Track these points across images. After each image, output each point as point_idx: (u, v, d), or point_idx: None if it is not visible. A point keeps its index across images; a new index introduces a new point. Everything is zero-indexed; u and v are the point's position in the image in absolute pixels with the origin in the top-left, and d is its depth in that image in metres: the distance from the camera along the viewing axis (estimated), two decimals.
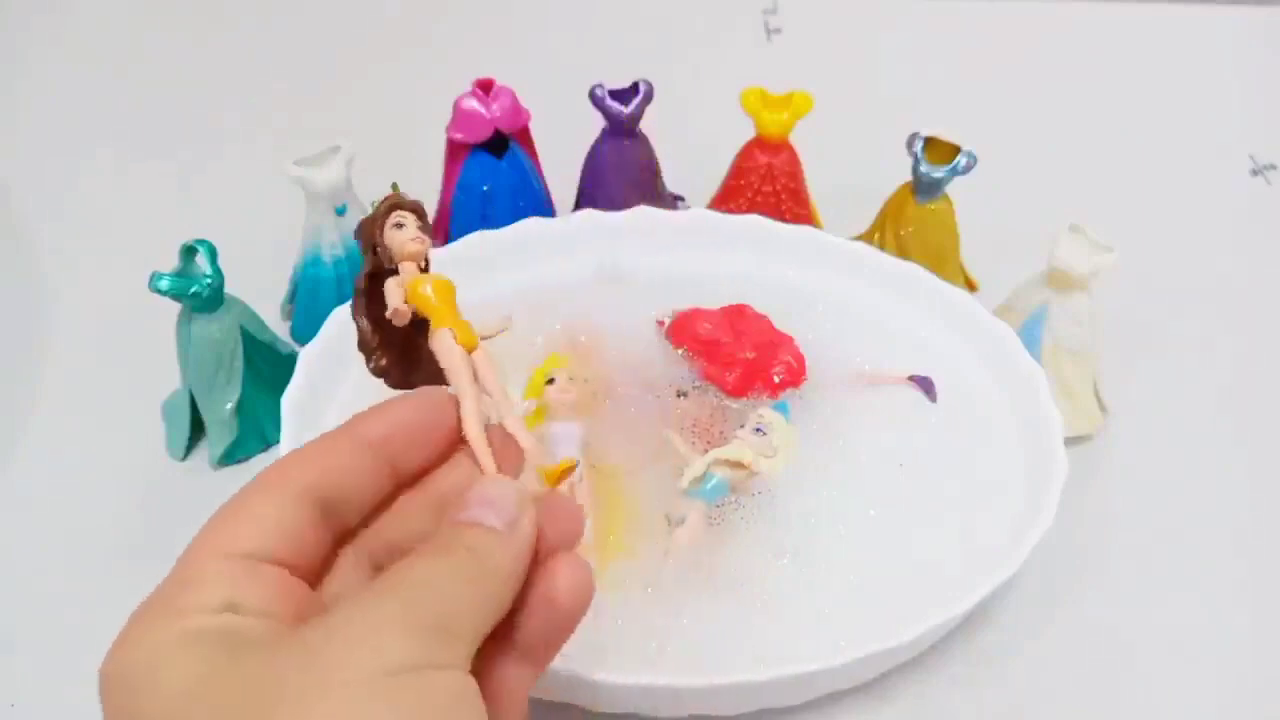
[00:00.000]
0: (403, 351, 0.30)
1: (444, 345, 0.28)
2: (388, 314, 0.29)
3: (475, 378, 0.28)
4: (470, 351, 0.28)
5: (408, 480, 0.26)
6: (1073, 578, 0.41)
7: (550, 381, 0.41)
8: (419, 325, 0.29)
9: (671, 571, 0.36)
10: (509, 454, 0.27)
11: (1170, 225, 0.58)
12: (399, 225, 0.30)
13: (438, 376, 0.29)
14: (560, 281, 0.47)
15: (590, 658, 0.33)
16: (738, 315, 0.45)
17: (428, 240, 0.30)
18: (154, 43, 0.74)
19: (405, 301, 0.28)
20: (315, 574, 0.24)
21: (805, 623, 0.35)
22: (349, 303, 0.30)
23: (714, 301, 0.46)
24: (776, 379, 0.42)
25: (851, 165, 0.54)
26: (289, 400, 0.39)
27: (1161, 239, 0.55)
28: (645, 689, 0.32)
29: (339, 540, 0.25)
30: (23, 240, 0.57)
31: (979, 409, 0.43)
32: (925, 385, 0.43)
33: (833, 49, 0.73)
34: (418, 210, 0.30)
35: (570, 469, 0.28)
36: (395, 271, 0.29)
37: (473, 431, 0.27)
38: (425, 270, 0.30)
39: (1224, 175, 0.63)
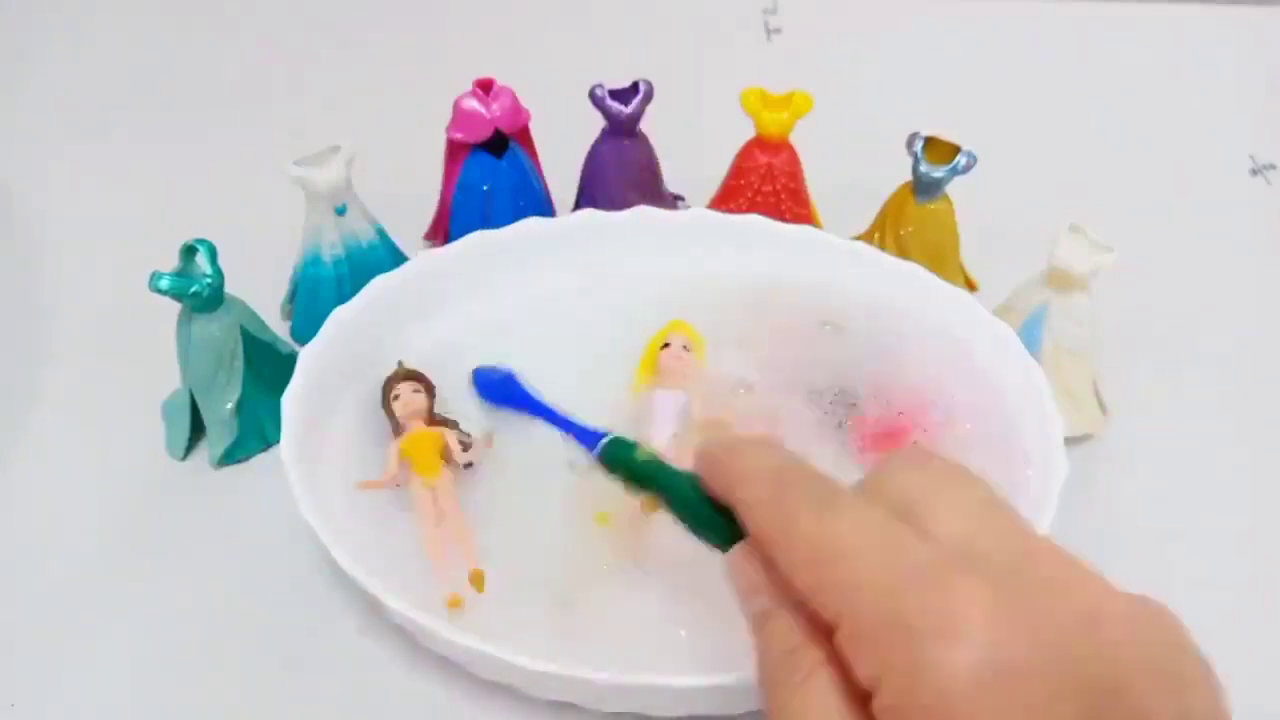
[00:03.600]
0: None
1: (414, 493, 0.39)
2: (382, 479, 0.39)
3: (436, 500, 0.38)
4: (433, 480, 0.39)
5: None
6: None
7: (665, 346, 0.43)
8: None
9: (673, 571, 0.37)
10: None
11: (1170, 225, 0.58)
12: (396, 397, 0.41)
13: None
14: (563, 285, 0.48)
15: (591, 657, 0.33)
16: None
17: (419, 399, 0.41)
18: (154, 42, 0.73)
19: (401, 457, 0.39)
20: None
21: None
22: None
23: (715, 301, 0.46)
24: None
25: (851, 165, 0.54)
26: (289, 400, 0.39)
27: (1161, 239, 0.55)
28: (645, 689, 0.32)
29: None
30: (23, 240, 0.57)
31: (978, 409, 0.43)
32: None
33: (833, 49, 0.73)
34: (411, 377, 0.41)
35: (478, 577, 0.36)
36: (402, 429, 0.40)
37: (429, 548, 0.38)
38: (431, 412, 0.41)
39: (1224, 175, 0.63)
